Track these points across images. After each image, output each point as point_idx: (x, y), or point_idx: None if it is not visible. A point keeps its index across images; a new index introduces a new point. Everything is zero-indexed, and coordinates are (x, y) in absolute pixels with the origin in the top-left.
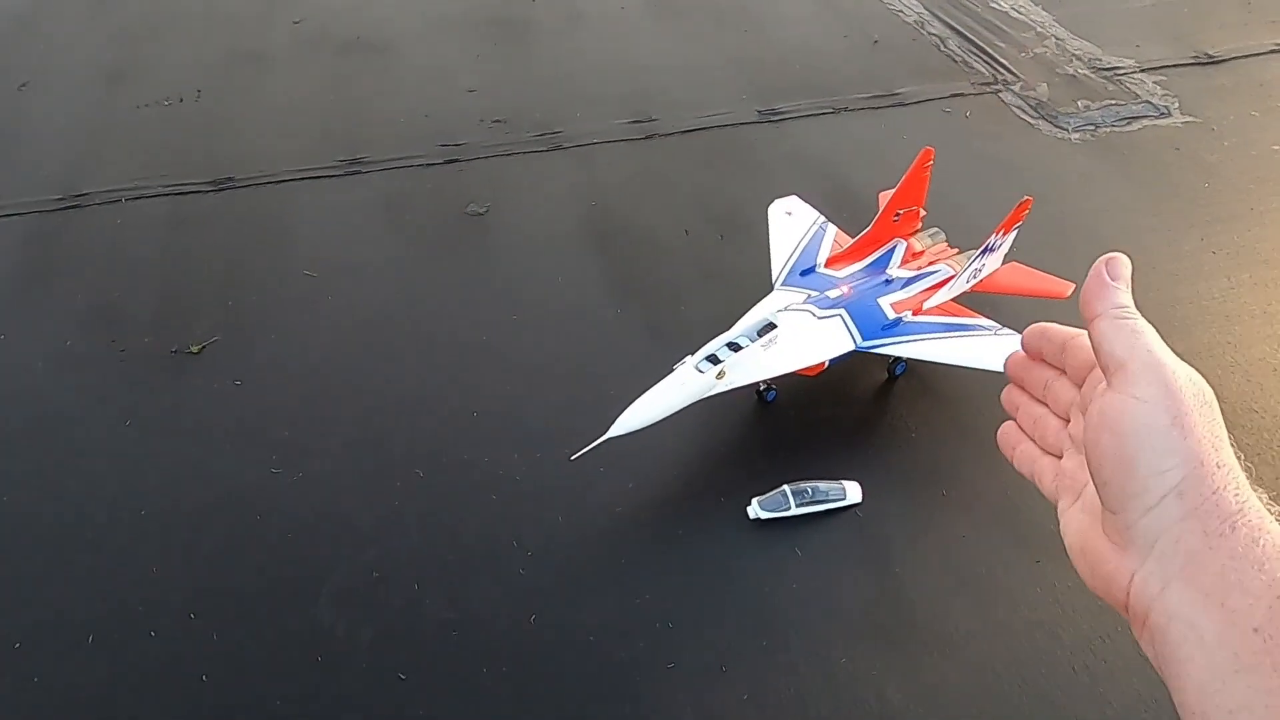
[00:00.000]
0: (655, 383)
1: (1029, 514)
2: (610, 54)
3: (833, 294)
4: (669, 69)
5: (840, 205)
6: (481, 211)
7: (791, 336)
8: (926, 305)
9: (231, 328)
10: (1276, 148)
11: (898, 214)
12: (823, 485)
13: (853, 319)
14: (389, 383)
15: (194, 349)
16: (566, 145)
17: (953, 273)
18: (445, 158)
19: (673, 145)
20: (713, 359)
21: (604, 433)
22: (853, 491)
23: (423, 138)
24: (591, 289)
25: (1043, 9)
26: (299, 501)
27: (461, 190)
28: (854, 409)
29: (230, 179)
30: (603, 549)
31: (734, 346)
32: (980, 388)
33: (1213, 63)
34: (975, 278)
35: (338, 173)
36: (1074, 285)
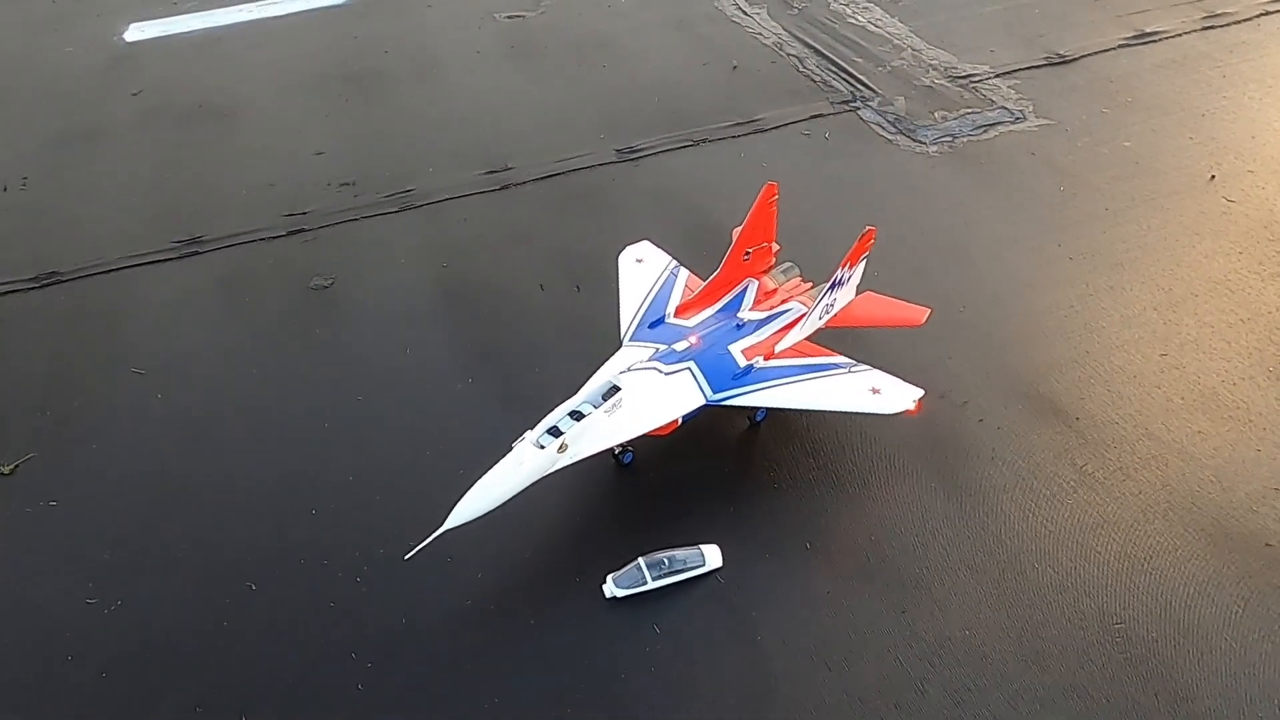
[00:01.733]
0: (496, 463)
1: (893, 560)
2: (466, 102)
3: (680, 346)
4: (527, 113)
5: (699, 243)
6: (326, 284)
7: (637, 398)
8: (778, 348)
9: (49, 441)
10: (1127, 144)
11: (748, 252)
12: (680, 553)
13: (702, 371)
14: (221, 487)
15: (5, 469)
16: (418, 204)
17: (804, 310)
18: (289, 228)
19: (528, 194)
20: (554, 431)
21: (440, 525)
22: (712, 556)
23: (266, 208)
24: (441, 359)
25: (899, 20)
26: (117, 634)
27: (306, 263)
28: (715, 462)
29: (55, 273)
30: (450, 650)
31: (576, 415)
32: (842, 428)
33: (1064, 62)
34: (828, 313)
35: (174, 255)
36: (929, 311)
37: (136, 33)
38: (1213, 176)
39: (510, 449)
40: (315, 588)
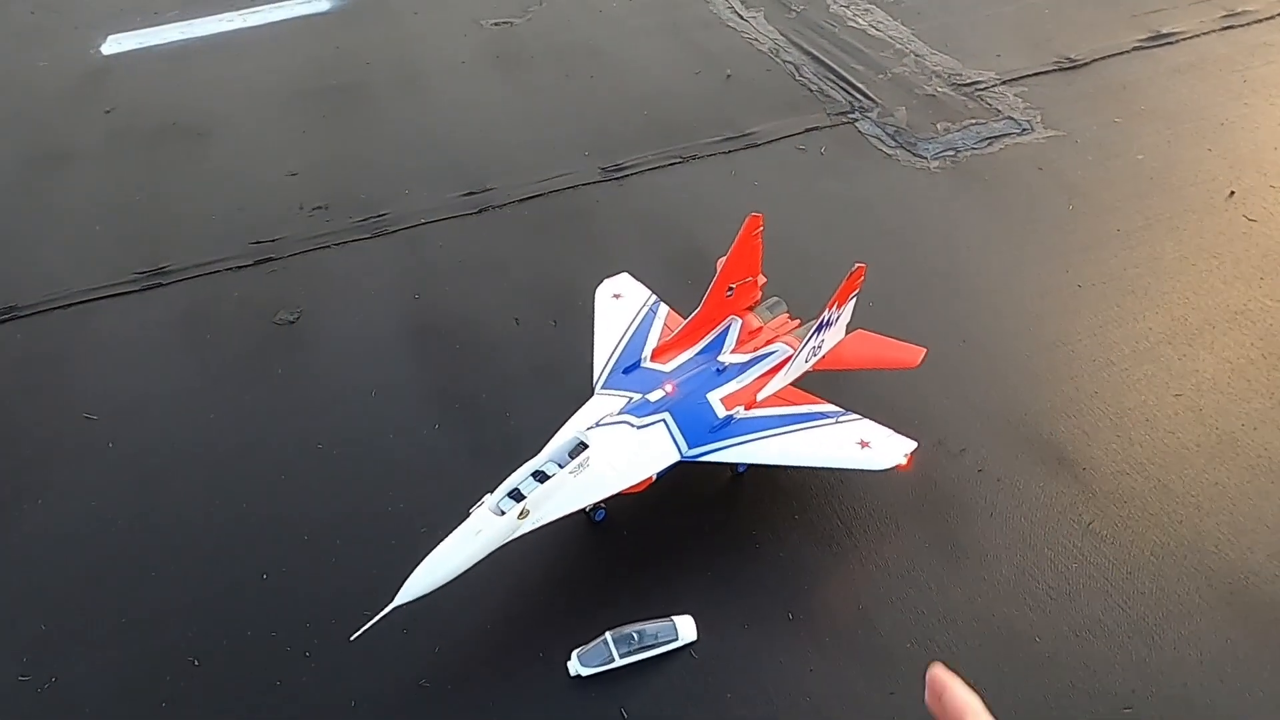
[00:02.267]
0: (452, 529)
1: (881, 633)
2: (448, 117)
3: (654, 396)
4: (510, 128)
5: (685, 270)
6: (292, 319)
7: (606, 455)
8: (760, 395)
9: None
10: (1141, 157)
11: (731, 288)
12: (650, 627)
13: (677, 424)
14: (169, 547)
15: None
16: (391, 229)
17: (790, 351)
18: (256, 257)
19: (507, 217)
20: (515, 494)
21: (389, 601)
22: (685, 629)
23: (234, 235)
24: (408, 402)
25: (901, 23)
26: (49, 714)
27: (272, 295)
28: (694, 519)
29: (12, 308)
30: None
31: (540, 476)
32: (831, 477)
33: (1074, 67)
34: (815, 356)
35: (136, 287)
36: (925, 351)
37: (114, 45)
38: (1232, 193)
39: (467, 514)
40: (263, 664)
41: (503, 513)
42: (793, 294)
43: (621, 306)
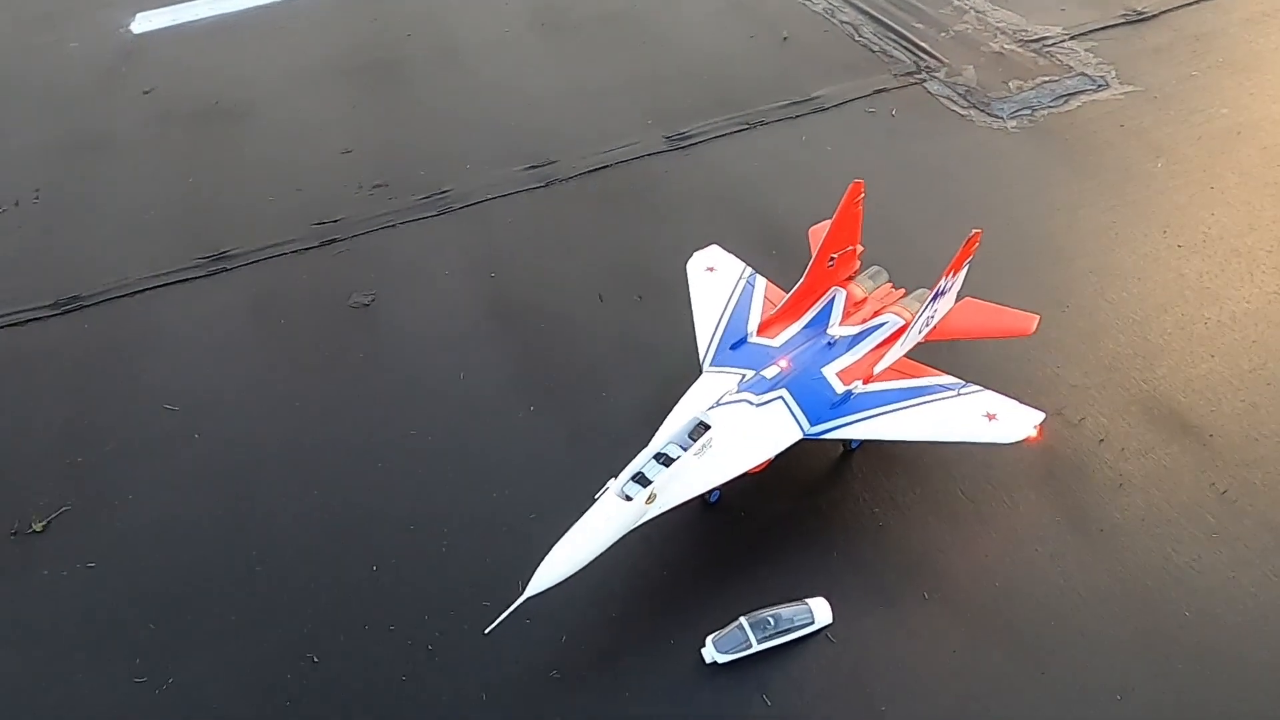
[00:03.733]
0: (575, 516)
1: (1024, 610)
2: (497, 88)
3: (770, 373)
4: (564, 98)
5: (767, 242)
6: (366, 302)
7: (729, 436)
8: (877, 369)
9: (81, 491)
10: (1224, 111)
11: (832, 258)
12: (785, 611)
13: (796, 400)
14: (270, 542)
15: (37, 526)
16: (457, 206)
17: (902, 323)
18: (321, 238)
19: (575, 190)
20: (640, 479)
21: (521, 590)
22: (821, 612)
23: (295, 217)
24: (498, 384)
25: None
26: (170, 718)
27: (342, 277)
28: (810, 500)
29: (76, 297)
30: None
31: (663, 459)
32: (947, 452)
33: (1143, 19)
34: (928, 326)
35: (200, 273)
36: (1038, 318)
37: (144, 23)
38: None
39: (593, 501)
40: (385, 659)
41: (629, 498)
42: (885, 263)
43: (717, 280)
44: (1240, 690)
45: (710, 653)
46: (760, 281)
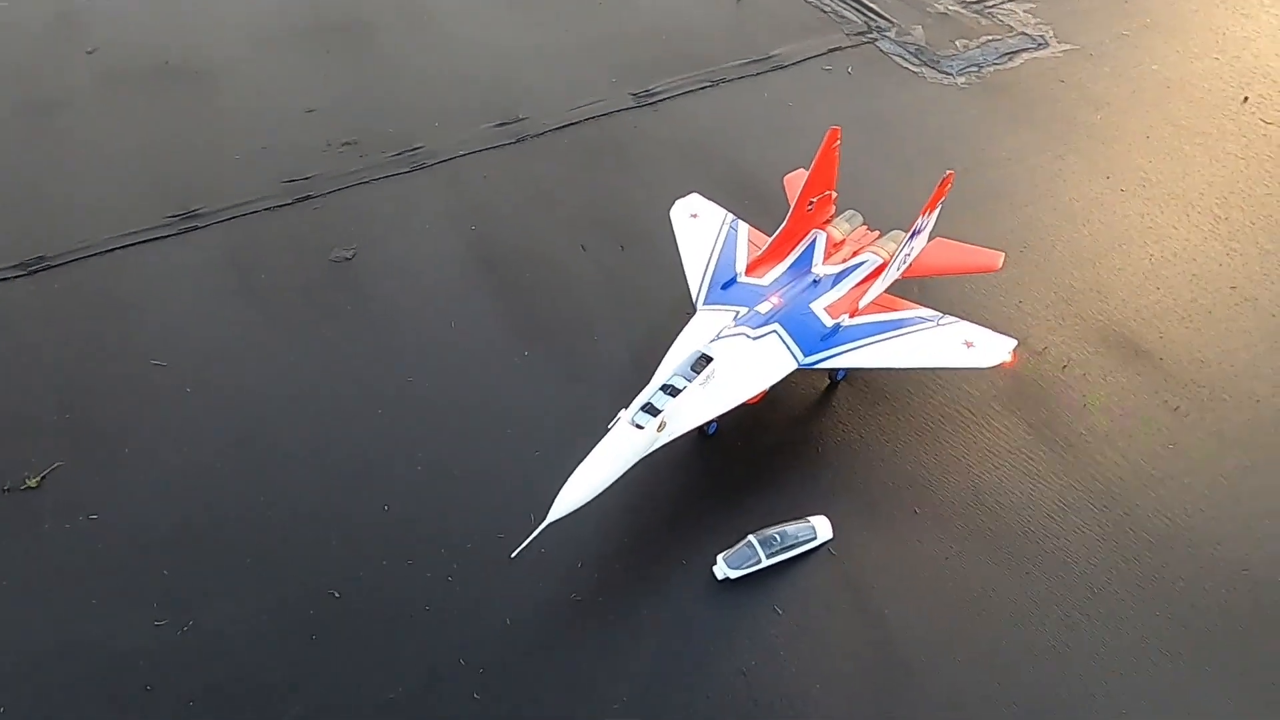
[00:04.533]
0: (588, 445)
1: (1006, 520)
2: (462, 46)
3: (763, 308)
4: (529, 57)
5: (740, 191)
6: (348, 256)
7: (730, 367)
8: (862, 303)
9: (75, 447)
10: (1155, 67)
11: (811, 202)
12: (790, 528)
13: (790, 333)
14: (277, 487)
15: (31, 482)
16: (430, 162)
17: (881, 261)
18: (294, 195)
19: (547, 146)
20: (649, 409)
21: (542, 517)
22: (822, 528)
23: (264, 174)
24: (491, 330)
25: None
26: (195, 659)
27: (321, 232)
28: (802, 428)
29: (42, 258)
30: (563, 649)
31: (670, 390)
32: (924, 380)
33: None
34: (905, 263)
35: (171, 231)
36: (1003, 254)
37: None
38: (1246, 98)
39: (606, 431)
40: (406, 591)
41: (640, 427)
42: (851, 208)
43: (700, 225)
44: (1199, 578)
45: (722, 569)
46: (743, 226)
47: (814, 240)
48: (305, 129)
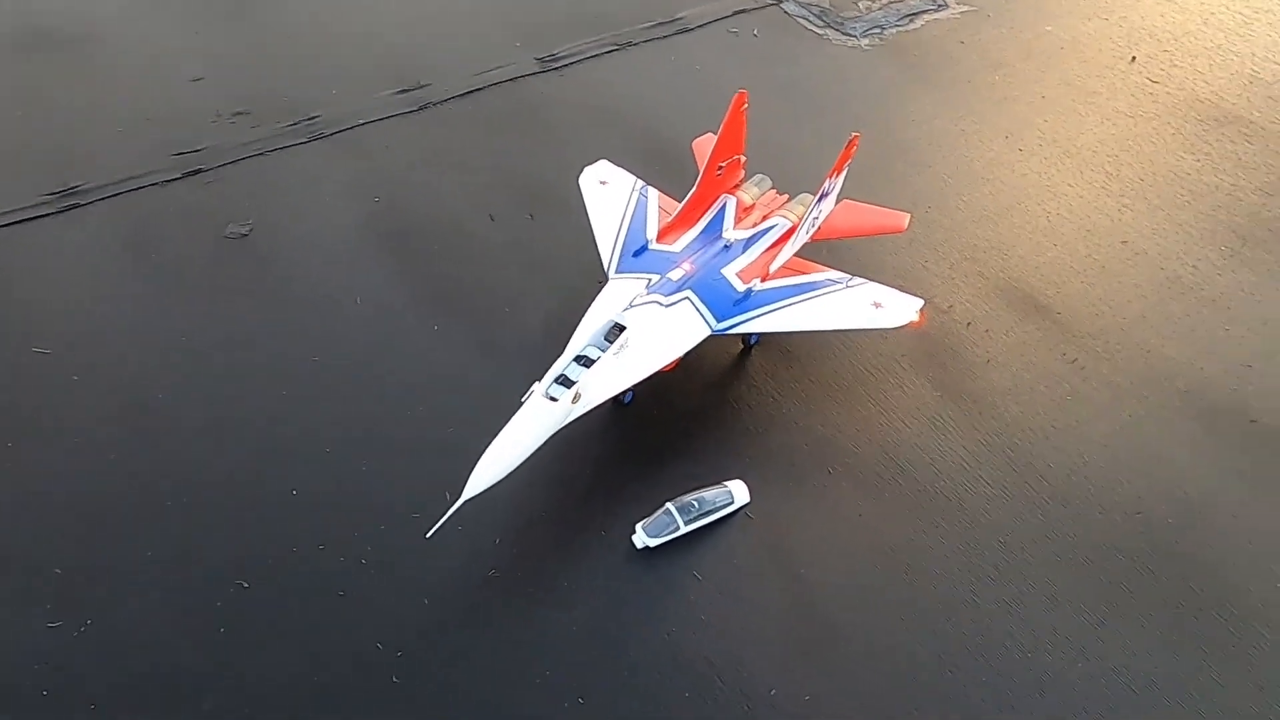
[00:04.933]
0: (503, 419)
1: (915, 475)
2: (356, 9)
3: (675, 275)
4: (428, 20)
5: (650, 157)
6: (244, 232)
7: (644, 336)
8: (773, 267)
9: None
10: (1049, 29)
11: (720, 167)
12: (708, 494)
13: (702, 299)
14: (179, 473)
15: None
16: (329, 131)
17: (789, 224)
18: (184, 169)
19: (452, 113)
20: (563, 381)
21: (457, 496)
22: (739, 492)
23: (150, 148)
24: (398, 305)
25: None
26: (95, 660)
27: (215, 207)
28: (717, 394)
29: None
30: (483, 626)
31: (584, 361)
32: (834, 342)
33: None
34: (814, 226)
35: (50, 210)
36: (909, 215)
37: None
38: (1133, 58)
39: (519, 405)
40: (319, 576)
41: (555, 399)
42: (759, 171)
43: (610, 192)
44: (1098, 523)
45: (641, 538)
46: (653, 193)
47: (724, 205)
48: (192, 99)
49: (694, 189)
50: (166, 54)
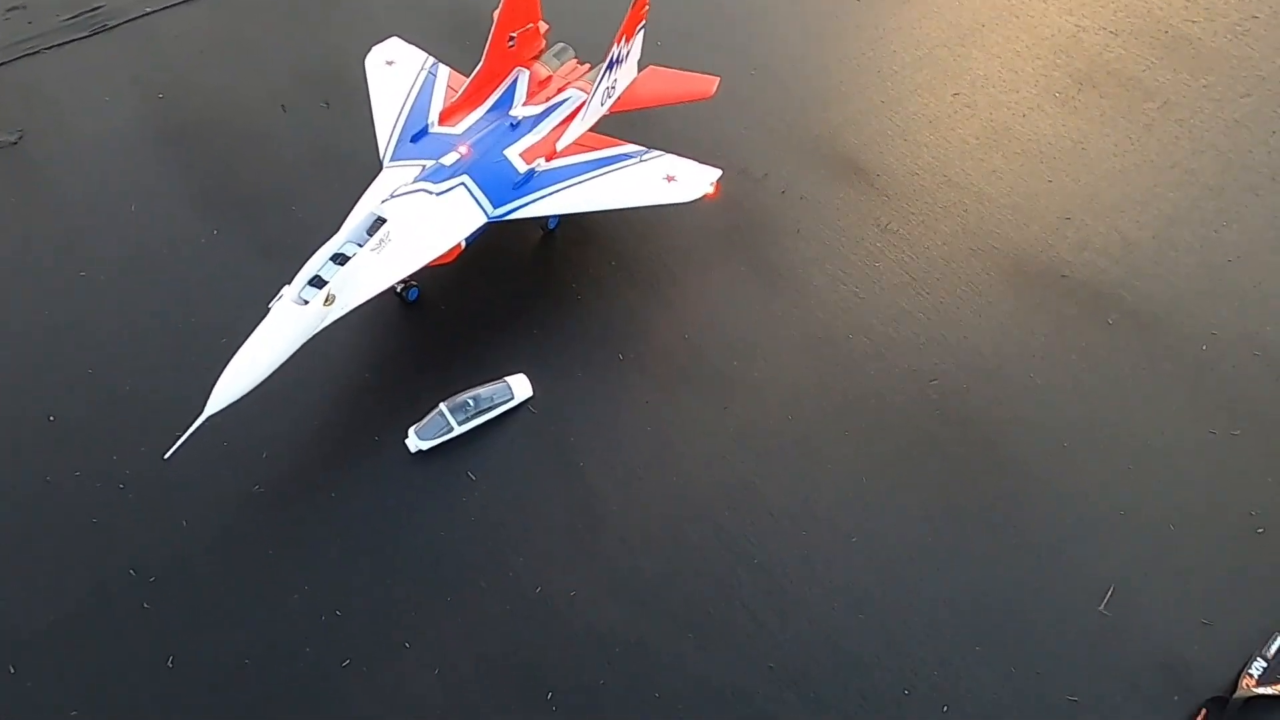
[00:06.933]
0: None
1: (710, 357)
2: None
3: (449, 160)
4: None
5: (459, 30)
6: (13, 140)
7: (407, 228)
8: (560, 145)
9: None
10: None
11: (512, 37)
12: (484, 391)
13: (478, 184)
14: None
15: None
16: (113, 24)
17: (585, 97)
18: None
19: None
20: (316, 281)
21: (200, 413)
22: (520, 387)
23: None
24: (175, 211)
25: None
26: None
27: None
28: (509, 285)
29: None
30: (243, 545)
31: (339, 259)
32: (643, 221)
33: None
34: (609, 97)
35: None
36: (718, 80)
37: None
38: None
39: (267, 311)
40: (69, 506)
41: (305, 302)
42: (568, 40)
43: (397, 73)
44: (893, 394)
45: (414, 442)
46: (443, 71)
47: (516, 79)
48: None
49: (481, 63)
50: None
